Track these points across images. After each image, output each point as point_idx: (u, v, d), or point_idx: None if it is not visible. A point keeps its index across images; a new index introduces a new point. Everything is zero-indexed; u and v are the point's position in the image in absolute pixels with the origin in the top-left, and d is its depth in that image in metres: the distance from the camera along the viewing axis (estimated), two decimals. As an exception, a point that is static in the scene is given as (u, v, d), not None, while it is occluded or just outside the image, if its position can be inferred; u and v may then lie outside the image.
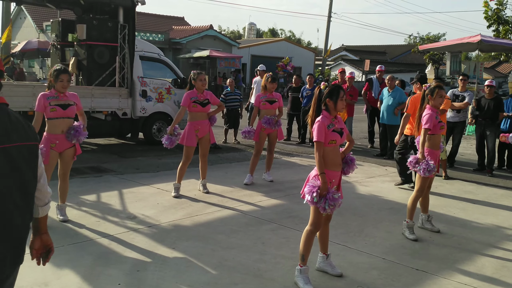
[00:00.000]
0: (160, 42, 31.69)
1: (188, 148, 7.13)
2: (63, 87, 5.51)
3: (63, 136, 5.58)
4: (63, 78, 5.48)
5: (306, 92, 12.53)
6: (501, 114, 9.74)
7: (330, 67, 45.31)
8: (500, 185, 8.92)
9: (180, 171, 7.17)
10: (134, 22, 11.01)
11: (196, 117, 7.14)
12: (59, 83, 5.48)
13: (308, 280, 4.25)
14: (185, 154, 7.14)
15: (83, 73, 10.69)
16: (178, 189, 7.15)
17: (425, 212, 6.07)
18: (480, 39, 14.32)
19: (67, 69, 5.74)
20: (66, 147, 5.64)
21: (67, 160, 5.73)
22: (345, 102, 4.36)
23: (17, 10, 34.65)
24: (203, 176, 7.41)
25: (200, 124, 7.14)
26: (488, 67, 48.18)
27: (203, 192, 7.33)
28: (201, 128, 7.16)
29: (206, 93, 7.19)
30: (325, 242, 4.58)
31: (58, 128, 5.55)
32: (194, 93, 7.10)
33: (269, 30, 73.73)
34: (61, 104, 5.51)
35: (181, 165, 7.17)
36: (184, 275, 4.43)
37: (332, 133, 4.25)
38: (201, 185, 7.42)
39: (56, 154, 5.60)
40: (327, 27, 36.32)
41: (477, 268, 4.95)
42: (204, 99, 7.14)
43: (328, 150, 4.26)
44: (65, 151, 5.66)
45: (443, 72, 35.42)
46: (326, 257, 4.59)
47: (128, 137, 12.16)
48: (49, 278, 4.23)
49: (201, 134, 7.20)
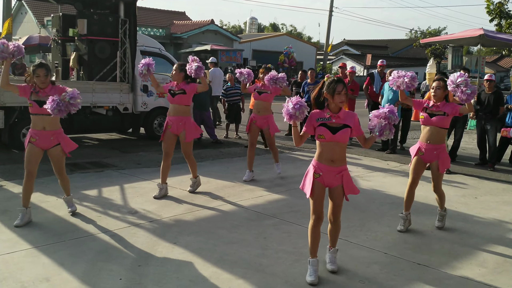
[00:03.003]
0: (161, 37, 31.69)
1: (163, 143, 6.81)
2: (41, 82, 5.36)
3: (43, 133, 5.44)
4: (39, 73, 5.34)
5: (308, 87, 12.51)
6: (501, 108, 9.72)
7: (332, 61, 45.27)
8: (502, 179, 8.91)
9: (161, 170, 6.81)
10: (135, 17, 10.98)
11: (170, 110, 6.75)
12: (36, 78, 5.36)
13: (312, 272, 4.25)
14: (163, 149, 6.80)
15: (84, 68, 10.67)
16: (162, 190, 6.78)
17: (441, 207, 5.99)
18: (482, 33, 14.26)
19: (45, 63, 5.60)
20: (49, 145, 5.50)
21: (56, 159, 5.60)
22: (343, 97, 4.16)
23: (18, 5, 34.61)
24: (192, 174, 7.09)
25: (172, 120, 6.69)
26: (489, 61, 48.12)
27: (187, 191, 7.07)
28: (173, 125, 6.68)
29: (186, 83, 6.63)
30: (332, 237, 4.54)
31: (37, 125, 5.43)
32: (171, 83, 6.77)
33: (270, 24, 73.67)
34: (38, 100, 5.37)
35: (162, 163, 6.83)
36: (186, 270, 4.43)
37: (320, 128, 4.17)
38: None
39: (36, 149, 5.44)
40: (328, 22, 36.25)
41: (479, 263, 4.94)
42: (180, 89, 6.64)
43: (320, 144, 4.25)
44: (50, 149, 5.53)
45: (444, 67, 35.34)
46: (330, 249, 4.59)
47: (129, 132, 12.15)
48: (50, 273, 4.23)
49: (174, 130, 6.72)
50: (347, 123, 4.21)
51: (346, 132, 4.20)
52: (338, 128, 4.18)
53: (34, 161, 5.46)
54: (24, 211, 5.43)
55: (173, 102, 6.69)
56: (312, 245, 4.34)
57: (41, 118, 5.43)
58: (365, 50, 49.71)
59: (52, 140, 5.51)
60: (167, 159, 6.80)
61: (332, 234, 4.52)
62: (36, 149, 5.46)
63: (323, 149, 4.24)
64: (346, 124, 4.20)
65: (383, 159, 10.35)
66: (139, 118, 11.29)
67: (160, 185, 6.80)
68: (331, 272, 4.48)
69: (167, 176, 6.88)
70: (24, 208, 5.44)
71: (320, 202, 4.30)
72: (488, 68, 38.35)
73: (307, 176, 4.38)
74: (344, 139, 4.22)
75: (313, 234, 4.33)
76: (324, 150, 4.24)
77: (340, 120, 4.20)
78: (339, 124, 4.19)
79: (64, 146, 5.59)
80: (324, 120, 4.20)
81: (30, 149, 5.45)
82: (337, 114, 4.20)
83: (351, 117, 4.26)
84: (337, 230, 4.49)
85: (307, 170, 4.41)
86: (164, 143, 6.79)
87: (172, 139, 6.78)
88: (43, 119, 5.43)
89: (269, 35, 44.50)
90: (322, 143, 4.24)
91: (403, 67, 42.39)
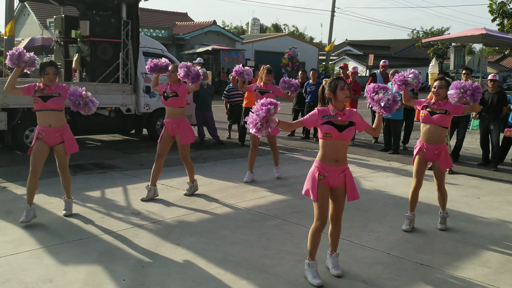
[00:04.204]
0: (163, 38, 31.72)
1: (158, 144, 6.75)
2: (49, 80, 5.41)
3: (49, 130, 5.48)
4: (48, 71, 5.40)
5: (310, 88, 12.52)
6: (505, 108, 9.71)
7: (334, 62, 45.24)
8: (505, 179, 8.89)
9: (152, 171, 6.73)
10: (138, 18, 11.00)
11: (166, 112, 6.71)
12: (45, 76, 5.40)
13: (316, 274, 4.24)
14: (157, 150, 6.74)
15: (87, 69, 10.70)
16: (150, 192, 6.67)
17: (443, 209, 5.97)
18: (485, 33, 14.24)
19: (54, 62, 5.67)
20: (56, 141, 5.55)
21: (61, 156, 5.64)
22: (347, 92, 4.16)
23: (21, 7, 34.73)
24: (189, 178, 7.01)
25: (167, 122, 6.66)
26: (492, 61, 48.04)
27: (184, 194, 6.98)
28: (169, 127, 6.65)
29: (178, 85, 6.59)
30: (333, 240, 4.52)
31: (44, 122, 5.47)
32: (166, 84, 6.70)
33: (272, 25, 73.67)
34: (43, 96, 5.41)
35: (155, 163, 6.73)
36: (189, 271, 4.44)
37: (325, 126, 4.13)
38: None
39: (44, 145, 5.50)
40: (330, 22, 36.26)
41: (482, 263, 4.94)
42: (172, 91, 6.58)
43: (325, 144, 4.19)
44: (56, 146, 5.58)
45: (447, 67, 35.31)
46: (332, 254, 4.57)
47: (132, 133, 12.18)
48: (54, 274, 4.24)
49: (170, 132, 6.69)
50: (352, 120, 4.22)
51: (352, 130, 4.22)
52: (345, 126, 4.16)
53: (41, 157, 5.51)
54: (29, 208, 5.46)
55: (166, 105, 6.66)
56: (314, 248, 4.32)
57: (46, 114, 5.46)
58: (367, 50, 49.72)
59: (57, 137, 5.54)
60: (159, 160, 6.70)
61: (334, 237, 4.48)
62: (43, 145, 5.51)
63: (328, 149, 4.19)
64: (351, 121, 4.21)
65: (386, 159, 10.35)
66: (142, 119, 11.30)
67: (148, 187, 6.70)
68: (336, 276, 4.43)
69: (158, 178, 6.79)
70: (28, 205, 5.47)
71: (326, 206, 4.26)
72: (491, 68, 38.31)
73: (310, 180, 4.28)
74: (350, 137, 4.23)
75: (316, 238, 4.29)
76: (329, 149, 4.19)
77: (345, 118, 4.18)
78: (345, 122, 4.18)
79: (67, 147, 5.62)
80: (330, 117, 4.15)
81: (38, 145, 5.50)
82: (342, 111, 4.20)
83: (354, 113, 4.28)
84: (338, 231, 4.47)
85: (309, 174, 4.33)
86: (159, 144, 6.74)
87: (168, 141, 6.74)
88: (48, 116, 5.47)
89: (271, 35, 44.51)
90: (327, 142, 4.18)
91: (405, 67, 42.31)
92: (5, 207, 6.05)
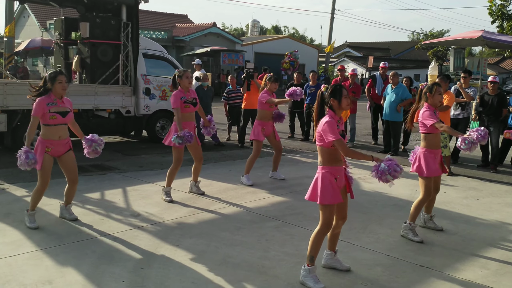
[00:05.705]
0: (163, 40, 31.72)
1: (177, 150, 6.71)
2: (63, 88, 5.34)
3: (59, 142, 5.41)
4: (61, 79, 5.31)
5: (310, 89, 12.51)
6: (504, 110, 9.72)
7: (334, 63, 45.22)
8: (504, 181, 8.90)
9: (170, 175, 6.78)
10: (138, 20, 11.01)
11: (187, 118, 6.71)
12: (58, 85, 5.29)
13: (317, 279, 4.24)
14: (175, 157, 6.74)
15: (87, 71, 10.70)
16: (168, 193, 6.79)
17: (428, 212, 6.00)
18: (480, 35, 14.21)
19: (62, 70, 5.63)
20: (63, 150, 5.48)
21: (70, 165, 5.56)
22: (349, 99, 4.28)
23: (21, 9, 34.73)
24: (194, 178, 7.17)
25: (188, 125, 6.70)
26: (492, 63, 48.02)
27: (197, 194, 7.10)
28: (190, 130, 6.70)
29: (191, 92, 6.82)
30: (335, 241, 4.57)
31: (55, 135, 5.37)
32: (182, 93, 6.67)
33: (272, 27, 73.68)
34: (61, 111, 5.34)
35: (172, 169, 6.79)
36: (188, 273, 4.44)
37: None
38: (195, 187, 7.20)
39: (50, 158, 5.43)
40: (330, 24, 36.25)
41: (481, 264, 4.94)
42: (192, 98, 6.76)
43: (331, 151, 4.23)
44: (64, 155, 5.50)
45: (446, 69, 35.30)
46: (335, 254, 4.60)
47: (131, 135, 12.18)
48: (53, 276, 4.24)
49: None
50: (343, 129, 4.36)
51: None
52: (343, 133, 4.27)
53: (49, 170, 5.45)
54: (34, 213, 5.51)
55: (193, 110, 6.81)
56: (316, 252, 4.31)
57: (60, 128, 5.39)
58: (367, 52, 49.70)
59: (66, 145, 5.50)
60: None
61: (337, 237, 4.57)
62: (50, 159, 5.44)
63: (333, 152, 4.24)
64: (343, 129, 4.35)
65: (385, 161, 10.32)
66: (142, 121, 11.30)
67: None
68: (346, 271, 4.56)
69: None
70: (34, 211, 5.51)
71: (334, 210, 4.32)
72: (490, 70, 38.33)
73: (330, 187, 4.19)
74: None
75: (321, 242, 4.29)
76: (334, 152, 4.25)
77: (342, 125, 4.35)
78: (341, 130, 4.29)
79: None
80: (338, 127, 4.25)
81: (46, 159, 5.37)
82: (340, 120, 4.33)
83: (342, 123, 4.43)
84: (340, 231, 4.54)
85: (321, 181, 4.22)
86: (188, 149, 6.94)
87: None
88: (61, 129, 5.41)
89: (271, 37, 44.47)
90: (334, 149, 4.22)
91: (405, 69, 42.44)
92: (4, 209, 6.05)
